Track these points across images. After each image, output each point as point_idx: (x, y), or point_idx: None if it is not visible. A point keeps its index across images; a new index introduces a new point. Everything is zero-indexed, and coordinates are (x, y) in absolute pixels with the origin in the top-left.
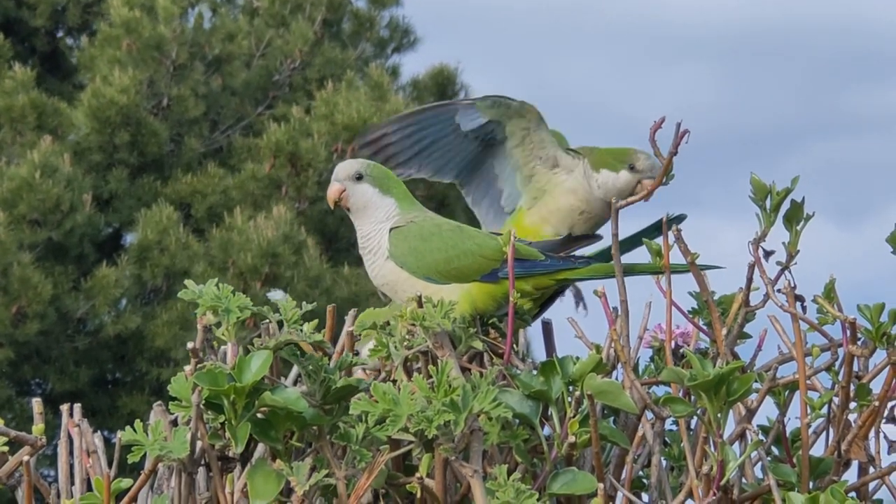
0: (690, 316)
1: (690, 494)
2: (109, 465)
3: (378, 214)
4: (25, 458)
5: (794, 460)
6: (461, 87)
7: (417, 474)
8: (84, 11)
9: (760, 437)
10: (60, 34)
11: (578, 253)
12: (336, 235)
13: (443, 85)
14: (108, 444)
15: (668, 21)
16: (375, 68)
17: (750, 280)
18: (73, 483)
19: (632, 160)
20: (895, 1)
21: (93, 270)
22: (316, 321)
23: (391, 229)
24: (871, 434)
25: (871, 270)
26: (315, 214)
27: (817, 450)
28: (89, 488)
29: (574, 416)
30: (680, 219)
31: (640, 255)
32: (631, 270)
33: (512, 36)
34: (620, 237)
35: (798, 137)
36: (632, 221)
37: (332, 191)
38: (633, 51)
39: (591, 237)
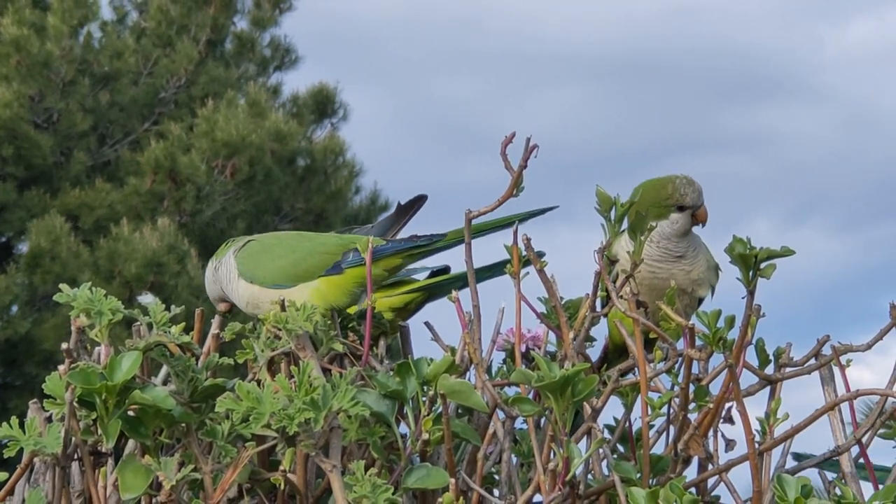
0: (542, 319)
1: (538, 489)
2: None
3: (212, 287)
4: None
5: (637, 457)
6: (340, 106)
7: (281, 467)
8: None
9: (605, 435)
10: None
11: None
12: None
13: (322, 103)
14: None
15: (546, 42)
16: (255, 87)
17: (596, 286)
18: None
19: (677, 201)
20: (763, 27)
21: None
22: (183, 324)
23: (234, 254)
24: (711, 433)
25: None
26: (196, 227)
27: (660, 448)
28: None
29: (428, 415)
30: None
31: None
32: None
33: (393, 55)
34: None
35: (671, 154)
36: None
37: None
38: (513, 71)
39: (419, 199)
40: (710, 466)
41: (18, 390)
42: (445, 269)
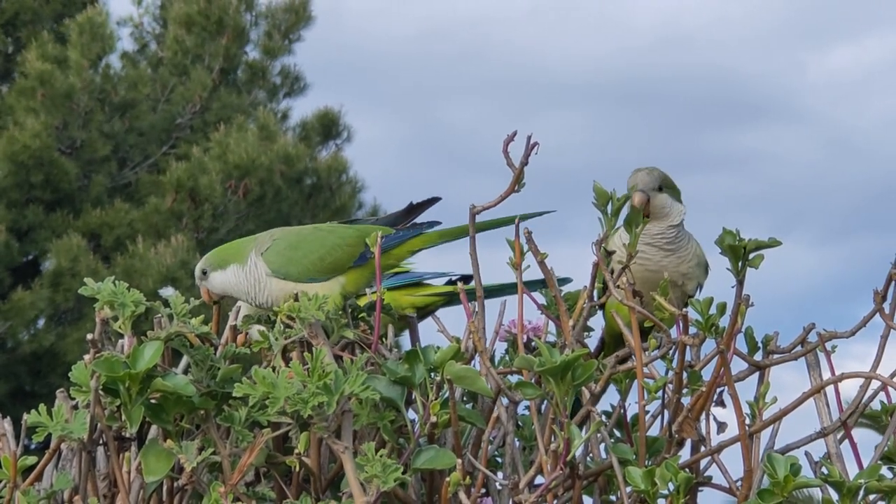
0: (542, 310)
1: (540, 470)
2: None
3: (239, 289)
4: None
5: (633, 440)
6: (344, 128)
7: (297, 450)
8: (6, 60)
9: (603, 419)
10: None
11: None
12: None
13: (328, 126)
14: (25, 449)
15: (543, 71)
16: (264, 112)
17: (594, 277)
18: None
19: (629, 185)
20: (748, 54)
21: (9, 294)
22: (202, 315)
23: (260, 254)
24: (703, 416)
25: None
26: (212, 244)
27: (655, 431)
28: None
29: (435, 399)
30: (564, 281)
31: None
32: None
33: (401, 83)
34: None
35: None
36: None
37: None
38: (514, 97)
39: (431, 200)
40: (702, 448)
41: (43, 399)
42: (467, 279)
